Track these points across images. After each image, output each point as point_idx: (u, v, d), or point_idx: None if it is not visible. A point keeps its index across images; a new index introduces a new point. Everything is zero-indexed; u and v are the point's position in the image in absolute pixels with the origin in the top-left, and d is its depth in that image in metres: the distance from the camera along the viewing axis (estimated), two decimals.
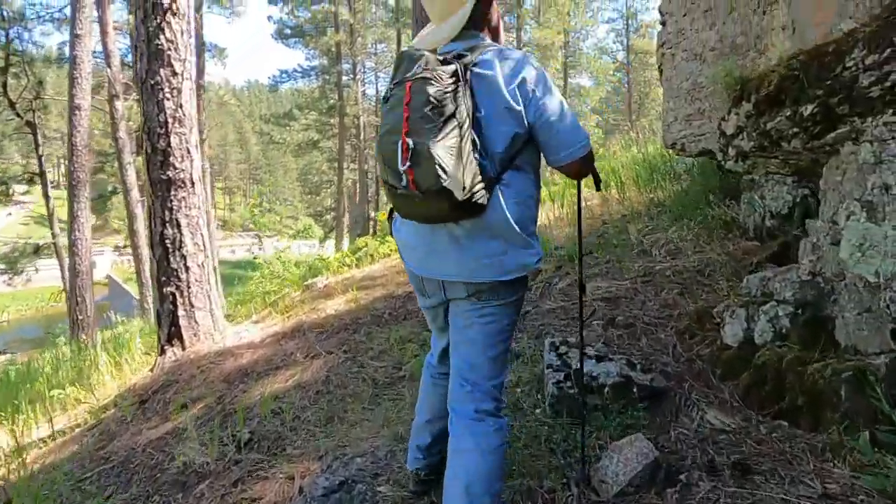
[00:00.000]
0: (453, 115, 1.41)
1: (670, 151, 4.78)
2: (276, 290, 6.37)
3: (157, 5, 4.36)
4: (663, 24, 6.41)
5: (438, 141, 1.39)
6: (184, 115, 4.50)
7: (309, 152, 31.87)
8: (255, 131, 38.84)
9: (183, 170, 4.51)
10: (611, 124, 45.64)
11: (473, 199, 1.45)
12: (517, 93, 1.50)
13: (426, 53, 1.50)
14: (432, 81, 1.42)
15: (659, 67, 6.52)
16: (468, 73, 1.50)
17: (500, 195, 1.52)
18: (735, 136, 2.49)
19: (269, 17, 29.00)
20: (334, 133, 27.10)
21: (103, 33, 13.38)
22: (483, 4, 1.64)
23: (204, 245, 4.66)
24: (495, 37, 1.73)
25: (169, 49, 4.43)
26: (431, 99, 1.40)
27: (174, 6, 4.43)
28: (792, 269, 2.26)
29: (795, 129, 2.05)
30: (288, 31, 28.23)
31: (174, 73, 4.45)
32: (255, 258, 7.96)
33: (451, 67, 1.46)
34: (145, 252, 14.28)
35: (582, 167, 1.58)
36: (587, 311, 3.18)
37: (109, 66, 13.19)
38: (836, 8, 3.00)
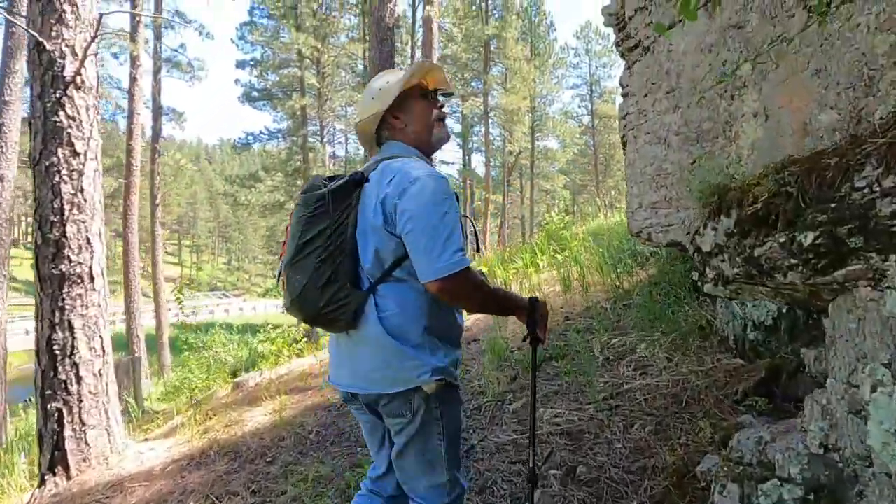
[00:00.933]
0: (311, 239, 1.51)
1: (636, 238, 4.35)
2: (204, 386, 5.63)
3: (57, 78, 3.84)
4: (624, 95, 6.19)
5: (295, 263, 1.52)
6: (84, 200, 3.91)
7: (276, 213, 31.28)
8: (219, 193, 38.19)
9: (80, 262, 3.87)
10: (578, 185, 46.51)
11: (329, 314, 1.51)
12: (381, 209, 1.50)
13: (316, 178, 1.63)
14: (300, 206, 1.56)
15: (622, 140, 6.24)
16: (354, 190, 1.56)
17: (373, 308, 1.52)
18: (713, 255, 2.04)
19: (237, 81, 28.91)
20: None
21: None
22: (389, 115, 1.68)
23: (103, 349, 3.97)
24: (420, 142, 1.70)
25: (69, 126, 3.88)
26: (298, 222, 1.54)
27: (79, 79, 3.91)
28: (795, 434, 1.76)
29: (793, 261, 1.60)
30: (255, 94, 28.14)
31: (74, 153, 3.89)
32: (192, 343, 7.20)
33: (319, 193, 1.55)
34: None
35: (452, 291, 1.46)
36: (543, 452, 2.59)
37: None
38: (813, 95, 2.63)
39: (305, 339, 6.31)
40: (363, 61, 25.32)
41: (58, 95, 3.84)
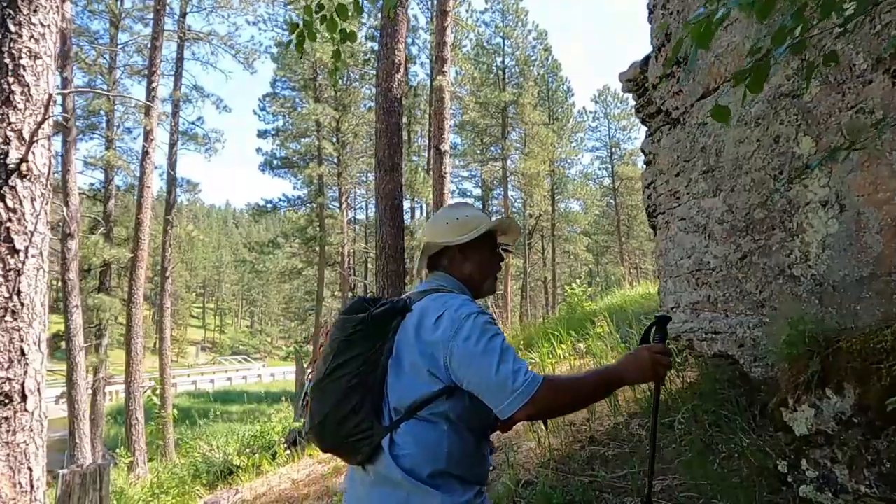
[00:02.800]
0: (343, 364, 1.44)
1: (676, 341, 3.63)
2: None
3: None
4: (647, 163, 5.66)
5: (323, 386, 1.46)
6: (21, 303, 3.35)
7: (294, 279, 31.04)
8: (237, 260, 38.34)
9: (10, 378, 3.27)
10: (601, 246, 45.78)
11: (350, 445, 1.44)
12: (424, 347, 1.42)
13: (358, 299, 1.56)
14: (337, 328, 1.50)
15: (647, 210, 5.67)
16: (395, 318, 1.49)
17: (390, 444, 1.42)
18: (814, 444, 1.36)
19: (259, 150, 29.43)
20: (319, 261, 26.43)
21: (65, 171, 12.84)
22: (455, 249, 1.65)
23: (31, 484, 3.32)
24: (472, 285, 1.67)
25: (9, 221, 3.38)
26: (332, 344, 1.49)
27: (24, 166, 3.43)
28: None
29: None
30: (276, 163, 28.48)
31: (13, 251, 3.36)
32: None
33: (360, 316, 1.48)
34: (81, 402, 12.75)
35: (541, 411, 1.37)
36: None
37: (67, 204, 12.49)
38: None
39: (287, 450, 5.59)
40: None
41: None
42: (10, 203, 3.46)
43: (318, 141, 25.25)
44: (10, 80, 3.54)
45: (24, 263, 3.47)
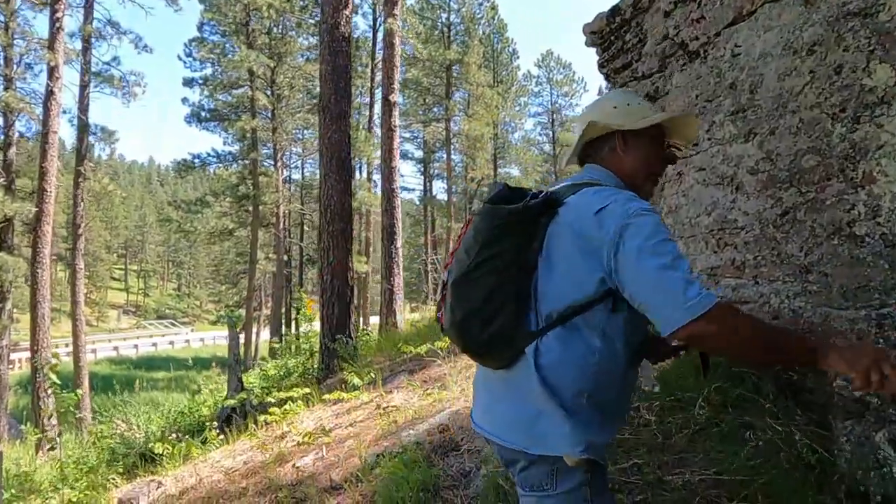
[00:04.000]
0: (488, 259, 1.32)
1: None
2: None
3: None
4: None
5: (464, 283, 1.35)
6: None
7: (224, 240, 29.40)
8: (162, 219, 35.98)
9: None
10: None
11: (490, 349, 1.35)
12: (584, 244, 1.27)
13: (502, 186, 1.42)
14: (484, 217, 1.37)
15: None
16: (547, 213, 1.34)
17: (534, 351, 1.30)
18: None
19: (185, 100, 27.21)
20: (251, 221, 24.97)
21: None
22: (620, 137, 1.47)
23: None
24: (632, 183, 1.46)
25: None
26: (477, 235, 1.36)
27: None
28: None
29: None
30: (205, 115, 26.46)
31: None
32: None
33: (512, 207, 1.33)
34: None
35: (706, 334, 1.16)
36: None
37: None
38: None
39: (220, 434, 4.90)
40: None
41: None
42: None
43: (252, 92, 23.54)
44: None
45: None
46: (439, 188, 37.39)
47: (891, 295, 2.05)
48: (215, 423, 5.10)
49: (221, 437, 4.81)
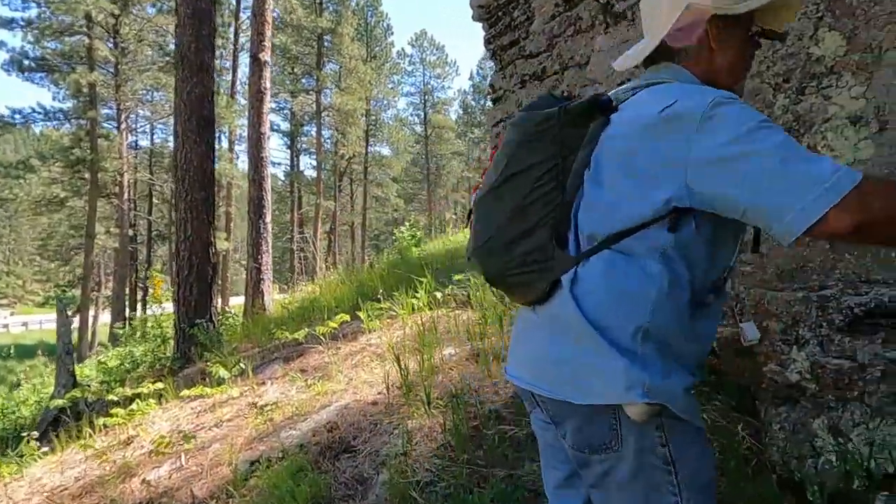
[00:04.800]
0: (521, 172, 1.11)
1: None
2: None
3: None
4: (496, 100, 5.07)
5: (491, 199, 1.16)
6: None
7: (54, 211, 25.63)
8: None
9: None
10: (409, 193, 46.17)
11: (517, 277, 1.13)
12: (646, 150, 1.01)
13: (546, 94, 1.25)
14: (515, 127, 1.16)
15: (494, 149, 5.04)
16: (596, 119, 1.08)
17: (573, 281, 1.07)
18: None
19: (3, 44, 23.09)
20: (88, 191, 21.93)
21: None
22: (710, 25, 1.11)
23: None
24: (721, 85, 1.08)
25: None
26: (507, 146, 1.15)
27: None
28: None
29: None
30: (29, 64, 22.67)
31: None
32: None
33: (547, 112, 1.10)
34: None
35: (863, 220, 0.87)
36: None
37: None
38: None
39: (42, 446, 3.99)
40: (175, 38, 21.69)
41: None
42: None
43: (90, 41, 20.50)
44: None
45: None
46: (307, 163, 35.87)
47: (830, 276, 1.97)
48: (36, 431, 4.15)
49: (45, 447, 3.91)
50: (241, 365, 4.50)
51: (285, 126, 33.18)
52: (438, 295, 4.91)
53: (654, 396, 1.00)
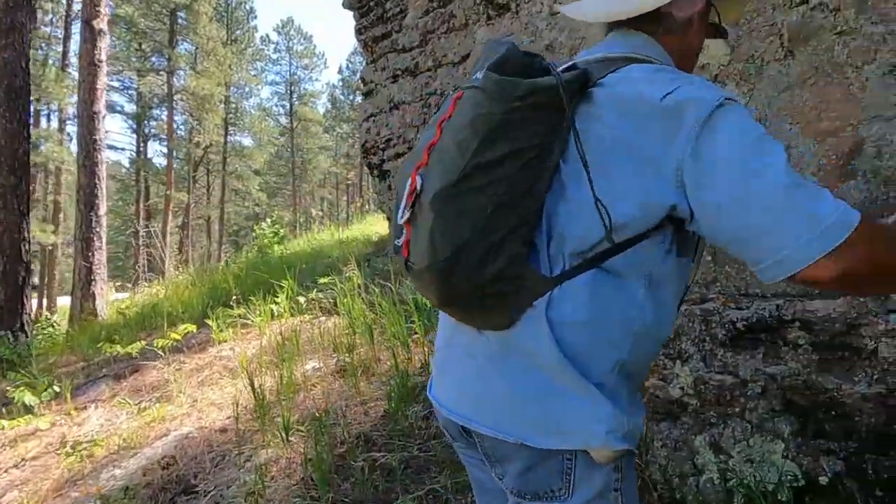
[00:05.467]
0: (495, 162, 0.85)
1: None
2: None
3: None
4: (368, 93, 4.82)
5: (455, 195, 0.86)
6: None
7: None
8: None
9: None
10: (273, 187, 44.03)
11: (489, 298, 0.90)
12: (638, 146, 0.84)
13: (514, 46, 0.89)
14: (486, 96, 0.87)
15: (364, 147, 4.92)
16: (573, 99, 0.87)
17: (546, 306, 0.88)
18: None
19: None
20: None
21: None
22: (704, 5, 0.98)
23: None
24: (682, 61, 1.00)
25: None
26: (477, 122, 0.86)
27: None
28: None
29: None
30: None
31: None
32: None
33: (537, 82, 0.84)
34: None
35: (858, 269, 0.79)
36: None
37: None
38: None
39: None
40: None
41: None
42: None
43: None
44: None
45: None
46: (156, 150, 32.68)
47: (711, 288, 1.93)
48: None
49: None
50: (57, 387, 3.75)
51: (130, 108, 29.93)
52: (301, 300, 4.48)
53: (630, 440, 0.92)
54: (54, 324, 6.67)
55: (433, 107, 4.20)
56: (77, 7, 20.01)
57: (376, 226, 9.75)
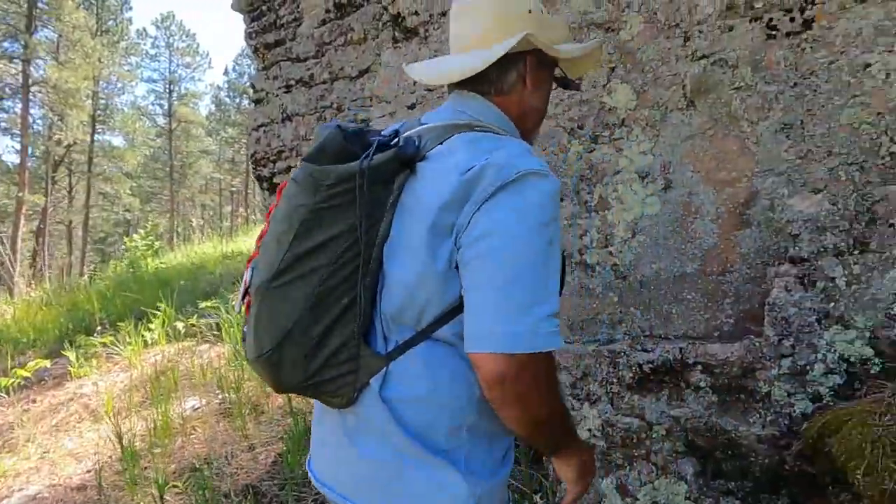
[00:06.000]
0: (315, 249, 0.89)
1: None
2: None
3: None
4: (258, 101, 4.64)
5: (279, 285, 0.91)
6: None
7: None
8: None
9: None
10: (148, 191, 40.76)
11: (322, 386, 0.94)
12: (449, 215, 0.88)
13: (336, 131, 0.91)
14: (303, 187, 0.91)
15: (253, 157, 4.70)
16: (400, 176, 0.93)
17: (381, 385, 0.94)
18: None
19: None
20: None
21: None
22: (528, 61, 1.02)
23: None
24: (525, 127, 1.07)
25: None
26: (292, 214, 0.91)
27: None
28: None
29: None
30: None
31: None
32: None
33: (347, 168, 0.88)
34: None
35: (519, 382, 0.85)
36: None
37: None
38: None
39: None
40: None
41: None
42: None
43: None
44: None
45: None
46: (7, 147, 29.05)
47: (617, 329, 1.95)
48: None
49: None
50: None
51: None
52: (180, 325, 4.08)
53: (486, 501, 0.95)
54: None
55: (329, 120, 4.02)
56: None
57: None
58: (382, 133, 0.99)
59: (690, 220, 1.82)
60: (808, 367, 1.59)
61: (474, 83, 1.03)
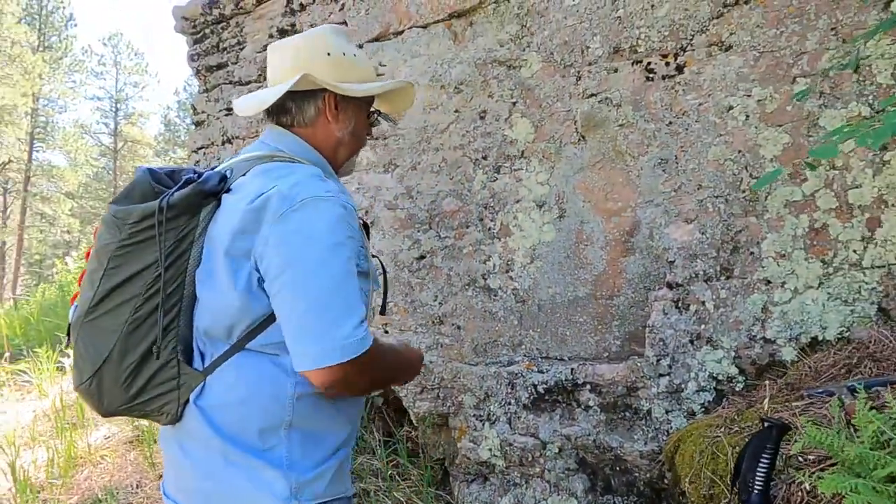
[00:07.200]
0: (123, 284, 0.97)
1: None
2: None
3: None
4: (199, 123, 4.74)
5: (93, 319, 0.98)
6: None
7: None
8: None
9: None
10: (90, 212, 39.21)
11: (146, 406, 1.02)
12: (246, 240, 0.97)
13: (145, 173, 1.02)
14: (110, 227, 0.99)
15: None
16: (206, 205, 1.01)
17: (199, 395, 1.02)
18: None
19: None
20: None
21: None
22: (328, 97, 1.11)
23: None
24: (334, 157, 1.16)
25: None
26: (101, 254, 0.98)
27: None
28: None
29: None
30: None
31: None
32: None
33: (146, 207, 0.97)
34: None
35: (347, 382, 0.95)
36: None
37: None
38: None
39: None
40: None
41: None
42: None
43: None
44: None
45: None
46: None
47: (517, 351, 2.02)
48: None
49: None
50: None
51: None
52: None
53: (305, 495, 1.00)
54: None
55: None
56: None
57: None
58: (214, 168, 1.08)
59: (582, 247, 1.93)
60: (682, 386, 1.70)
61: (279, 115, 1.13)
